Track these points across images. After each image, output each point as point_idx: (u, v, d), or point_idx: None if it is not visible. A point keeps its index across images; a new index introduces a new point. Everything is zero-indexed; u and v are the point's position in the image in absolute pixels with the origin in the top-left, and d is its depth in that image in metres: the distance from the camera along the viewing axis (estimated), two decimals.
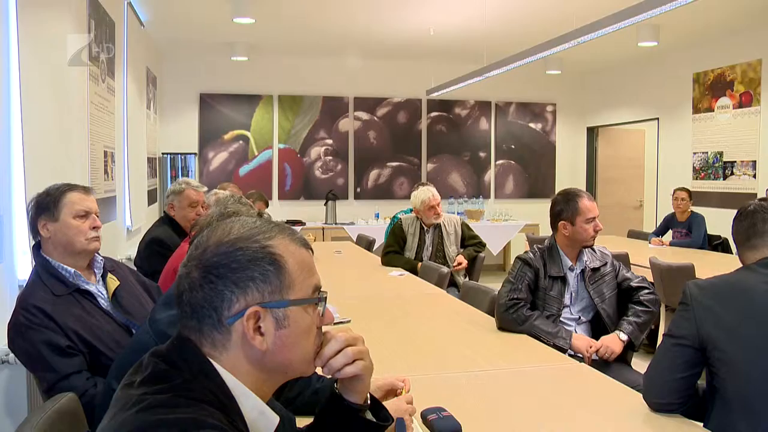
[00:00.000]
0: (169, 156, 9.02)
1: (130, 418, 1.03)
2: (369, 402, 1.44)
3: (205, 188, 4.57)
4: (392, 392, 1.80)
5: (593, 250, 3.29)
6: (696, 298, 2.03)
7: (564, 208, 3.19)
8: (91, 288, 2.44)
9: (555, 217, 3.24)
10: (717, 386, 1.99)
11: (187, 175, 8.97)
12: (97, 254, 2.54)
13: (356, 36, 8.26)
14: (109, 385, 1.96)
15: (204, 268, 1.16)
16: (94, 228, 2.47)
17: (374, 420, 1.42)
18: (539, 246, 3.32)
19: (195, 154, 9.35)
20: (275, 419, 1.21)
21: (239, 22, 6.90)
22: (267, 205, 6.59)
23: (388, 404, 1.71)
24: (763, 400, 1.86)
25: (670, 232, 7.27)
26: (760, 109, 7.60)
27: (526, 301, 3.12)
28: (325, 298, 1.26)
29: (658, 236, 7.21)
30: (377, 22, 7.53)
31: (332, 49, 9.06)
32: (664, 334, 2.12)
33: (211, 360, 1.15)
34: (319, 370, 1.33)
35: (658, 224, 7.58)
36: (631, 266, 5.56)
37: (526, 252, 3.33)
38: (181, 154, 9.12)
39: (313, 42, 8.68)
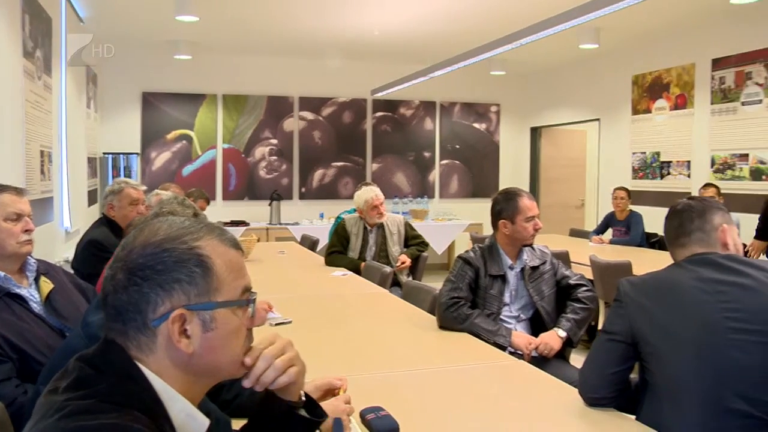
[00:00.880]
0: (110, 156, 8.84)
1: (52, 426, 1.00)
2: (304, 399, 1.43)
3: (144, 187, 4.50)
4: (330, 392, 1.80)
5: (533, 248, 3.34)
6: (628, 295, 2.08)
7: (504, 207, 3.23)
8: (23, 292, 2.37)
9: (495, 216, 3.27)
10: (648, 380, 2.05)
11: (129, 176, 8.80)
12: (29, 257, 2.48)
13: (301, 36, 8.22)
14: (38, 392, 1.91)
15: (129, 270, 1.14)
16: (26, 231, 2.41)
17: (309, 417, 1.42)
18: (480, 245, 3.35)
19: (137, 154, 9.18)
20: (205, 422, 1.19)
21: (182, 20, 6.81)
22: (208, 203, 6.52)
23: (325, 404, 1.71)
24: (689, 391, 1.91)
25: (610, 231, 7.43)
26: (693, 111, 7.81)
27: (466, 300, 3.15)
28: (255, 299, 1.25)
29: (599, 234, 7.35)
30: (322, 22, 7.51)
31: (277, 48, 9.01)
32: (598, 330, 2.16)
33: (138, 363, 1.13)
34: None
35: (599, 223, 7.73)
36: (572, 264, 5.67)
37: (466, 251, 3.36)
38: (123, 153, 8.95)
39: (258, 41, 8.63)
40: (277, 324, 3.19)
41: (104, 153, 8.84)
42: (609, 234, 7.41)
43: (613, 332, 2.08)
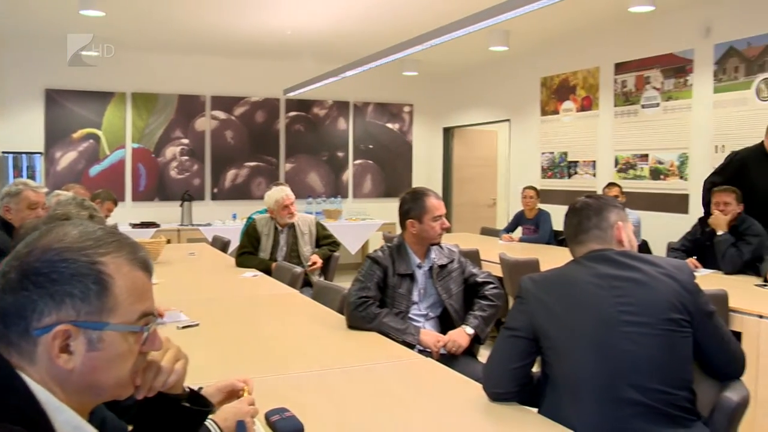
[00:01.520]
0: (11, 155, 8.48)
1: None
2: (188, 391, 1.42)
3: (46, 189, 4.34)
4: (234, 394, 1.78)
5: (441, 247, 3.38)
6: (529, 292, 2.14)
7: (412, 206, 3.26)
8: None
9: (403, 216, 3.30)
10: (548, 374, 2.11)
11: (33, 176, 8.48)
12: None
13: (212, 34, 8.09)
14: None
15: (23, 271, 1.09)
16: None
17: (194, 408, 1.40)
18: (388, 244, 3.37)
19: (41, 153, 8.84)
20: None
21: (87, 14, 6.58)
22: (116, 205, 6.34)
23: (228, 407, 1.70)
24: (587, 383, 1.98)
25: (520, 229, 7.60)
26: (598, 113, 8.09)
27: (375, 299, 3.16)
28: (151, 326, 1.20)
29: (509, 233, 7.50)
30: (233, 20, 7.41)
31: (188, 46, 8.83)
32: (501, 327, 2.21)
33: (20, 372, 1.07)
34: None
35: (509, 221, 7.90)
36: (482, 262, 5.77)
37: (375, 251, 3.38)
38: (25, 153, 8.60)
39: (168, 38, 8.44)
40: (184, 327, 3.13)
41: (4, 152, 8.48)
42: (519, 232, 7.57)
43: (514, 328, 2.13)
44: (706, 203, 5.27)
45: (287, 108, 10.20)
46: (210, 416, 1.59)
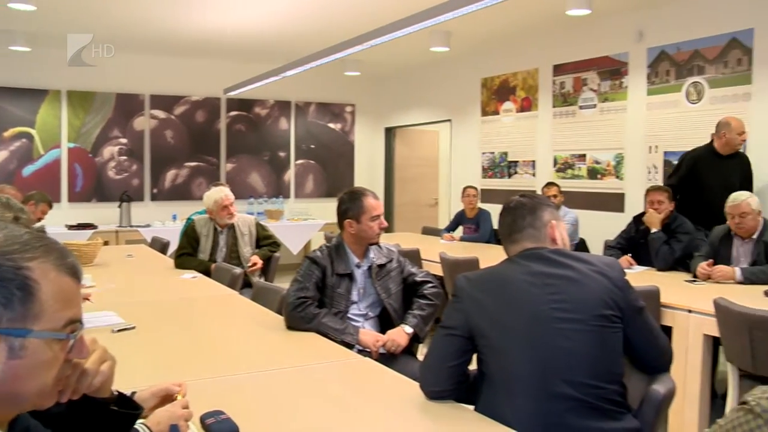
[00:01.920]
0: None
1: None
2: (116, 394, 1.39)
3: None
4: (168, 398, 1.76)
5: (379, 246, 3.39)
6: (464, 290, 2.16)
7: (349, 206, 3.27)
8: None
9: (341, 216, 3.30)
10: (484, 371, 2.13)
11: None
12: None
13: (151, 31, 7.94)
14: None
15: None
16: None
17: (123, 411, 1.38)
18: (327, 244, 3.37)
19: None
20: None
21: (16, 8, 6.40)
22: (51, 206, 6.18)
23: (162, 411, 1.67)
24: (521, 380, 2.01)
25: (460, 228, 7.67)
26: (537, 114, 8.21)
27: (313, 299, 3.15)
28: (77, 333, 1.17)
29: (449, 232, 7.57)
30: (173, 17, 7.29)
31: (125, 43, 8.63)
32: (437, 325, 2.23)
33: None
34: None
35: (450, 221, 7.97)
36: (423, 261, 5.81)
37: (314, 251, 3.38)
38: None
39: (105, 35, 8.22)
40: (119, 330, 3.07)
41: None
42: (460, 231, 7.65)
43: (450, 327, 2.14)
44: None
45: (228, 107, 10.09)
46: (142, 420, 1.56)
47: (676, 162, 6.18)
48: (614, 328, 2.06)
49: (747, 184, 5.44)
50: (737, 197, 4.58)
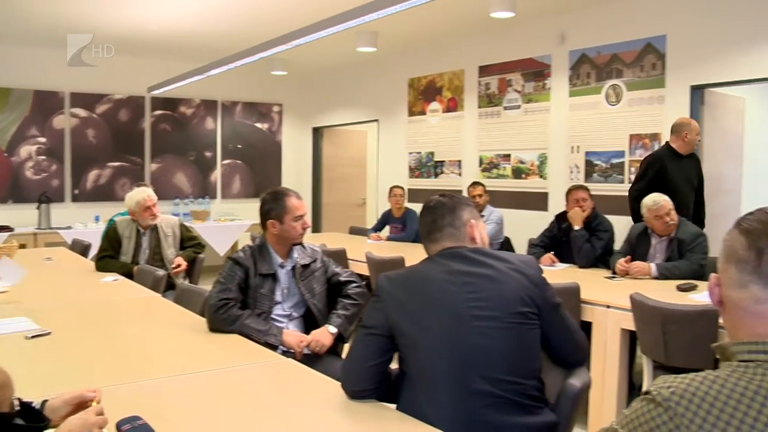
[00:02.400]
0: None
1: None
2: (18, 407, 1.35)
3: None
4: (83, 405, 1.72)
5: (303, 246, 3.38)
6: (385, 290, 2.17)
7: (272, 206, 3.25)
8: None
9: (264, 216, 3.28)
10: (405, 370, 2.15)
11: None
12: None
13: (71, 26, 7.69)
14: None
15: None
16: None
17: (26, 425, 1.34)
18: (250, 245, 3.35)
19: None
20: None
21: None
22: None
23: (74, 419, 1.62)
24: (440, 377, 2.03)
25: (387, 228, 7.70)
26: (463, 114, 8.32)
27: (236, 301, 3.12)
28: None
29: (376, 232, 7.59)
30: (94, 12, 7.09)
31: (44, 38, 8.36)
32: (359, 325, 2.24)
33: None
34: None
35: (377, 220, 8.00)
36: (349, 261, 5.81)
37: (236, 251, 3.34)
38: None
39: (22, 29, 7.97)
40: (33, 336, 2.97)
41: None
42: (387, 231, 7.68)
43: (371, 326, 2.15)
44: (635, 212, 5.26)
45: (153, 106, 9.89)
46: (52, 430, 1.52)
47: (599, 162, 6.36)
48: (531, 324, 2.10)
49: (701, 182, 5.60)
50: (659, 200, 4.73)
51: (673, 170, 5.39)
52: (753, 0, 5.57)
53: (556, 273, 4.89)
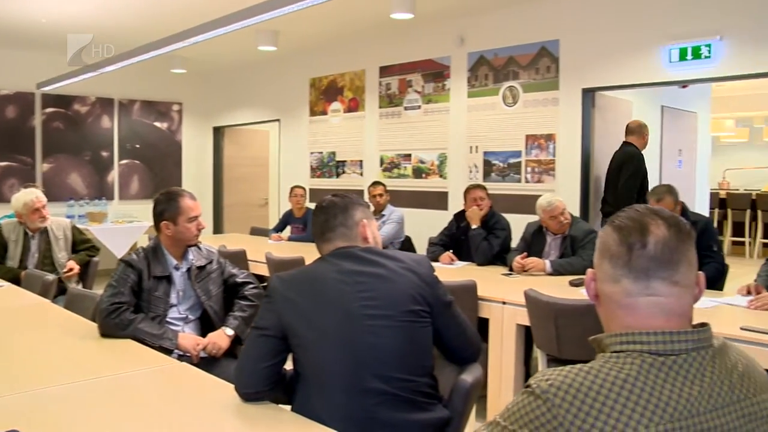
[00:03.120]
0: None
1: None
2: None
3: None
4: None
5: (199, 248, 3.33)
6: (277, 290, 2.15)
7: (166, 207, 3.18)
8: None
9: (157, 217, 3.21)
10: (299, 370, 2.14)
11: None
12: None
13: None
14: None
15: None
16: None
17: None
18: (143, 247, 3.27)
19: None
20: None
21: None
22: None
23: None
24: (333, 377, 2.04)
25: (289, 228, 7.66)
26: (365, 114, 8.37)
27: (129, 305, 3.04)
28: None
29: (278, 232, 7.54)
30: None
31: None
32: (251, 327, 2.22)
33: None
34: None
35: (279, 221, 7.94)
36: (250, 262, 5.75)
37: (129, 254, 3.26)
38: None
39: None
40: None
41: None
42: (288, 231, 7.64)
43: (264, 327, 2.13)
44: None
45: (44, 104, 9.48)
46: None
47: (497, 162, 6.52)
48: (423, 322, 2.13)
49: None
50: (553, 201, 4.90)
51: (644, 166, 6.02)
52: (639, 9, 5.84)
53: (455, 271, 4.99)
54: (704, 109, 9.55)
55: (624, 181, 5.90)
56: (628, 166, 5.92)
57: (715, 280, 4.36)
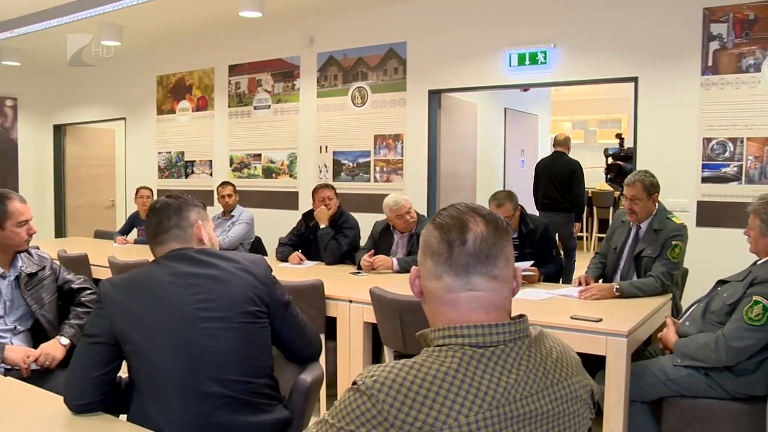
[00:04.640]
0: None
1: None
2: None
3: None
4: None
5: (30, 254, 3.15)
6: (108, 295, 2.07)
7: None
8: None
9: None
10: (134, 378, 2.07)
11: None
12: None
13: None
14: None
15: None
16: None
17: None
18: None
19: None
20: None
21: None
22: None
23: None
24: (169, 382, 2.00)
25: (135, 230, 7.40)
26: (214, 113, 8.23)
27: None
28: None
29: (123, 235, 7.27)
30: None
31: None
32: (81, 334, 2.13)
33: None
34: None
35: (125, 223, 7.66)
36: (92, 267, 5.51)
37: None
38: None
39: None
40: None
41: None
42: (135, 234, 7.38)
43: (94, 335, 2.05)
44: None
45: None
46: None
47: (347, 162, 6.59)
48: (261, 323, 2.12)
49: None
50: (399, 200, 5.01)
51: None
52: (483, 15, 6.09)
53: (304, 271, 5.00)
54: (545, 112, 10.08)
55: (577, 185, 6.93)
56: (578, 174, 6.98)
57: (555, 278, 4.66)
